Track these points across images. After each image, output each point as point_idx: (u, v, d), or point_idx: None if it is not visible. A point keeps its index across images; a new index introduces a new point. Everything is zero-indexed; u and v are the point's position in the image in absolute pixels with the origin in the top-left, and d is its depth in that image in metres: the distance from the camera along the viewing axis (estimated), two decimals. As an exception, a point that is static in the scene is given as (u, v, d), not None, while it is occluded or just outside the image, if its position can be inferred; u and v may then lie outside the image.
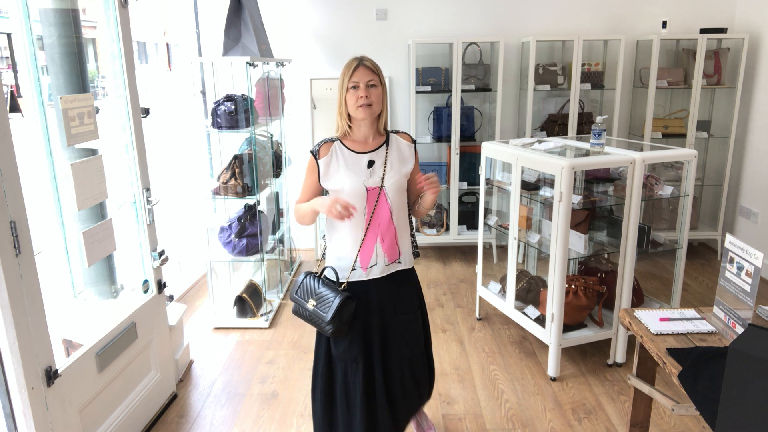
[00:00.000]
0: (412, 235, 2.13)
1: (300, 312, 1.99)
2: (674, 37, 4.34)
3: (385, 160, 1.98)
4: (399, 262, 2.05)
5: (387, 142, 2.02)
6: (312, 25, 4.55)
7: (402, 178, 2.00)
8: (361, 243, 1.98)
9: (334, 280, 2.00)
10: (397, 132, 2.08)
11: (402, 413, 2.13)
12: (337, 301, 1.87)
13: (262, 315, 3.63)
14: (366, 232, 1.97)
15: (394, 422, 2.09)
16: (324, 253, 2.12)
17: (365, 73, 1.89)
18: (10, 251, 1.72)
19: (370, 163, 1.97)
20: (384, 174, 1.96)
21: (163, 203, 3.12)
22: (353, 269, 1.99)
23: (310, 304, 1.93)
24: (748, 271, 1.62)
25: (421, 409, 2.42)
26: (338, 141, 2.00)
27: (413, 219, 2.19)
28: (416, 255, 2.15)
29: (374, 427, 2.06)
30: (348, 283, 1.99)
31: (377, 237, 1.98)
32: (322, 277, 2.01)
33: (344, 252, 2.00)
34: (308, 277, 2.00)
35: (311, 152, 2.00)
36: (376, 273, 2.01)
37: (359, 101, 1.89)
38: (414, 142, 2.10)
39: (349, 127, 1.98)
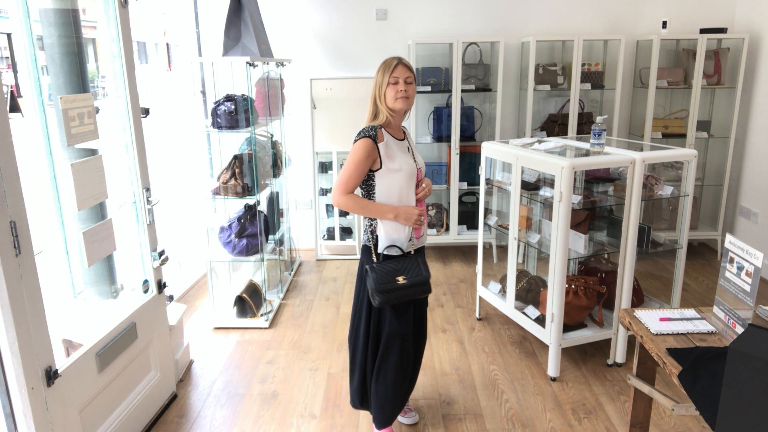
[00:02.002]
0: None
1: (392, 297, 2.15)
2: (674, 37, 4.34)
3: (410, 146, 2.31)
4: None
5: (405, 132, 2.35)
6: (312, 25, 4.55)
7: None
8: None
9: (399, 254, 2.24)
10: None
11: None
12: (420, 260, 2.21)
13: (262, 315, 3.63)
14: (417, 205, 2.28)
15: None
16: (375, 239, 2.26)
17: (404, 70, 2.18)
18: (10, 251, 1.72)
19: (407, 149, 2.29)
20: (416, 158, 2.30)
21: (163, 203, 3.12)
22: (410, 240, 2.26)
23: (401, 280, 2.15)
24: (748, 271, 1.62)
25: None
26: (382, 128, 2.23)
27: None
28: None
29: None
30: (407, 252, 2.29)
31: (424, 210, 2.30)
32: (382, 258, 2.24)
33: (402, 228, 2.23)
34: (373, 267, 2.17)
35: (368, 136, 2.15)
36: (423, 240, 2.35)
37: (398, 94, 2.16)
38: None
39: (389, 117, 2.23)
